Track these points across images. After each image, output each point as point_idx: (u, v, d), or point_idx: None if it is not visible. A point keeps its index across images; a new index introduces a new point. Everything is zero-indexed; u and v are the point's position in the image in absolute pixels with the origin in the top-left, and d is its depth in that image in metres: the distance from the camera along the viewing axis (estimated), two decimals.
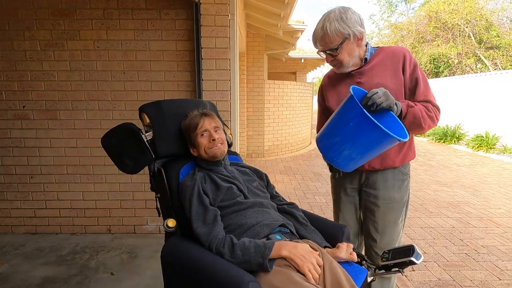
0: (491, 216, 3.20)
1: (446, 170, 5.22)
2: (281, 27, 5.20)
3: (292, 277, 0.86)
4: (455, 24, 10.57)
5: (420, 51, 11.78)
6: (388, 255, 1.03)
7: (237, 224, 1.08)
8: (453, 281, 2.05)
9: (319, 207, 3.44)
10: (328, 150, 1.14)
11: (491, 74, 7.36)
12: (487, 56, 10.25)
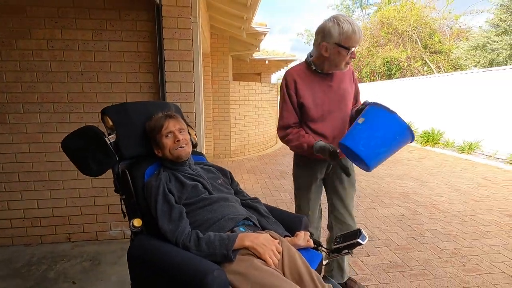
0: (435, 203, 3.58)
1: (398, 164, 5.70)
2: (245, 29, 5.30)
3: (254, 263, 0.94)
4: (404, 30, 11.53)
5: (374, 54, 12.65)
6: (339, 239, 1.16)
7: (203, 219, 1.13)
8: (402, 262, 2.29)
9: (284, 203, 3.59)
10: (373, 158, 1.26)
11: (435, 77, 8.16)
12: (432, 60, 11.33)
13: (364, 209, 3.39)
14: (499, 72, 6.20)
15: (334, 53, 1.44)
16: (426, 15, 11.75)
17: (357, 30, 1.39)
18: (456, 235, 2.76)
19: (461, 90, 7.16)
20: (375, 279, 2.09)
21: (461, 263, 2.29)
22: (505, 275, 2.13)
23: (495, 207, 3.43)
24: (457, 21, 12.27)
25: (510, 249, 2.49)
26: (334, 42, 1.41)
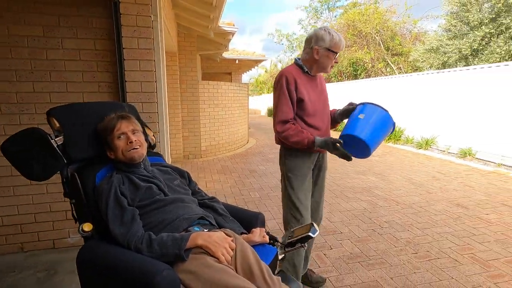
0: (394, 196, 3.82)
1: (362, 160, 5.98)
2: (212, 28, 5.27)
3: (206, 261, 0.96)
4: (368, 32, 12.11)
5: (341, 55, 13.12)
6: (292, 234, 1.21)
7: (157, 221, 1.13)
8: (361, 253, 2.42)
9: (253, 202, 3.63)
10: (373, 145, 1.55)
11: (396, 77, 8.65)
12: (393, 61, 12.01)
13: (329, 204, 3.53)
14: (450, 74, 6.73)
15: (324, 56, 1.68)
16: (387, 19, 12.43)
17: (342, 39, 1.69)
18: (411, 225, 2.96)
19: (418, 90, 7.67)
20: (336, 270, 2.19)
21: (414, 250, 2.47)
22: (451, 259, 2.33)
23: (446, 198, 3.73)
24: (415, 25, 13.12)
25: (456, 236, 2.72)
26: (325, 46, 1.65)
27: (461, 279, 2.07)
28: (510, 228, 2.87)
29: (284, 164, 1.82)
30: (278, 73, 1.76)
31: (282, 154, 1.85)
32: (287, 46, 19.41)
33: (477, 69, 6.08)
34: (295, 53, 19.88)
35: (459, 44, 7.07)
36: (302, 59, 1.78)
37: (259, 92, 28.32)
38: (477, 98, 5.98)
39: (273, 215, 3.23)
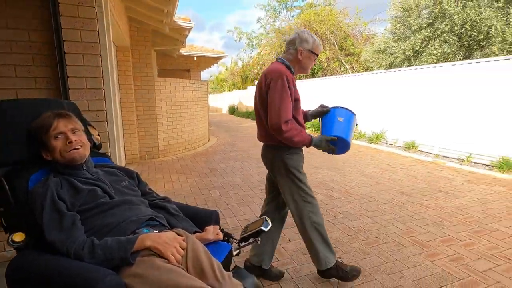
0: (347, 188, 4.05)
1: (318, 155, 6.25)
2: (167, 23, 5.08)
3: (154, 263, 0.92)
4: (323, 33, 12.64)
5: None
6: (246, 229, 1.22)
7: (101, 225, 1.06)
8: None
9: (213, 200, 3.59)
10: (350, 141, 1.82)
11: (349, 76, 9.16)
12: (347, 61, 12.71)
13: None
14: (396, 73, 7.31)
15: (306, 58, 1.82)
16: (341, 21, 13.10)
17: (321, 43, 1.87)
18: (362, 214, 3.17)
19: (369, 88, 8.21)
20: (293, 262, 2.26)
21: (364, 237, 2.65)
22: (396, 243, 2.54)
23: (393, 188, 4.06)
24: (365, 28, 14.03)
25: (401, 221, 2.98)
26: (308, 48, 1.79)
27: (404, 260, 2.27)
28: (444, 211, 3.22)
29: (284, 163, 1.82)
30: (271, 72, 1.73)
31: (279, 153, 1.82)
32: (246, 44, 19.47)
33: (418, 69, 6.69)
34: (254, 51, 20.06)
35: (403, 46, 7.73)
36: (286, 59, 1.82)
37: (220, 90, 28.06)
38: (419, 95, 6.59)
39: (234, 212, 3.24)
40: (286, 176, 1.84)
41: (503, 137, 5.00)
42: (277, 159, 1.83)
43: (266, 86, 1.73)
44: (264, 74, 1.80)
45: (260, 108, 1.81)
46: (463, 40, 6.81)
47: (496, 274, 2.09)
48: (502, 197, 3.63)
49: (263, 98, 1.75)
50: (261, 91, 1.77)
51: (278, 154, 1.82)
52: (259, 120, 1.87)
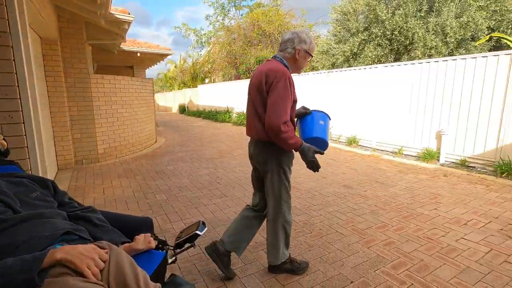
0: (295, 184, 4.18)
1: None
2: (102, 15, 4.66)
3: (67, 283, 0.81)
4: (271, 32, 12.94)
5: (248, 53, 13.68)
6: (181, 234, 1.16)
7: (3, 245, 0.90)
8: (264, 241, 2.55)
9: (159, 205, 3.41)
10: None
11: (296, 75, 9.50)
12: None
13: (238, 198, 3.61)
14: (337, 73, 7.79)
15: (302, 58, 1.85)
16: (288, 21, 13.54)
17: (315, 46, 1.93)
18: (308, 208, 3.30)
19: (314, 86, 8.62)
20: (241, 262, 2.25)
21: (309, 230, 2.75)
22: (337, 233, 2.69)
23: (336, 181, 4.31)
24: (311, 29, 14.70)
25: (342, 212, 3.17)
26: (305, 49, 1.83)
27: (344, 249, 2.42)
28: (380, 200, 3.52)
29: (278, 160, 1.85)
30: (274, 69, 1.72)
31: (272, 150, 1.83)
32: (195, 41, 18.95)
33: (356, 70, 7.22)
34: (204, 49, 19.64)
35: (343, 48, 8.29)
36: (284, 58, 1.84)
37: (169, 88, 26.91)
38: (358, 94, 7.11)
39: (180, 216, 3.11)
40: (276, 173, 1.86)
41: (426, 132, 5.66)
42: (272, 156, 1.84)
43: (267, 85, 1.72)
44: (263, 72, 1.76)
45: (258, 105, 1.79)
46: (394, 44, 7.56)
47: (420, 253, 2.34)
48: (426, 185, 4.11)
49: (264, 97, 1.74)
50: (261, 89, 1.75)
51: (272, 150, 1.84)
52: (255, 116, 1.84)
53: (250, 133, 1.95)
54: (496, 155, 4.66)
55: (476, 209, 3.21)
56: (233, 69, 15.65)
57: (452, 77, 5.18)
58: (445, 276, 2.04)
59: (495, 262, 2.22)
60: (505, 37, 6.34)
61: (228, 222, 2.91)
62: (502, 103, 4.56)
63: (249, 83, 1.93)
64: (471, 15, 6.44)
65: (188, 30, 19.09)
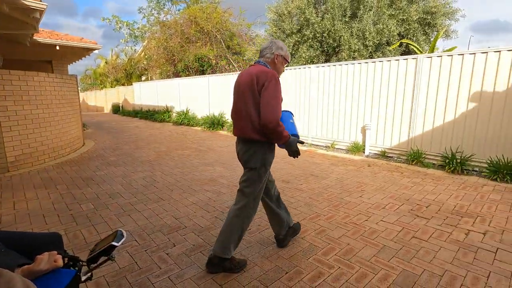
0: (236, 182, 4.20)
1: (211, 152, 6.30)
2: (5, 1, 3.98)
3: None
4: (210, 30, 12.75)
5: (187, 50, 13.26)
6: (95, 247, 1.05)
7: None
8: (204, 242, 2.51)
9: (84, 216, 3.07)
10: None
11: (235, 74, 9.54)
12: (234, 59, 13.25)
13: (176, 201, 3.48)
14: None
15: (280, 63, 2.10)
16: (226, 19, 13.51)
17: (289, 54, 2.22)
18: None
19: None
20: (177, 267, 2.16)
21: (249, 227, 2.79)
22: None
23: (275, 177, 4.46)
24: (249, 29, 14.94)
25: None
26: (281, 54, 2.08)
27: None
28: (314, 192, 3.76)
29: (262, 158, 1.99)
30: (264, 72, 1.89)
31: (261, 149, 1.98)
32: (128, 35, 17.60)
33: (292, 69, 7.58)
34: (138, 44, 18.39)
35: None
36: (265, 63, 2.05)
37: (100, 86, 24.51)
38: (295, 92, 7.48)
39: (111, 225, 2.86)
40: (258, 170, 2.00)
41: (353, 127, 6.24)
42: (258, 153, 1.99)
43: (259, 85, 1.88)
44: (253, 74, 1.91)
45: (251, 105, 1.91)
46: (324, 46, 8.14)
47: (347, 238, 2.57)
48: (353, 175, 4.53)
49: (256, 97, 1.89)
50: (253, 89, 1.89)
51: (260, 149, 1.99)
52: (247, 117, 1.94)
53: (238, 133, 2.06)
54: (408, 145, 5.39)
55: (392, 194, 3.67)
56: (171, 66, 15.00)
57: (372, 77, 5.80)
58: (366, 256, 2.28)
59: (406, 238, 2.56)
60: (411, 43, 7.36)
61: (164, 227, 2.78)
62: (411, 101, 5.28)
63: (235, 86, 2.06)
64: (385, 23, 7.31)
65: (120, 22, 17.65)
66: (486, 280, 1.99)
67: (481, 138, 4.54)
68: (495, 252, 2.34)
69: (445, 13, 7.76)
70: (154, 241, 2.53)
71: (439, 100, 4.93)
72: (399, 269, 2.11)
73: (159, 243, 2.50)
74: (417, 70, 5.15)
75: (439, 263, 2.18)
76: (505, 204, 3.31)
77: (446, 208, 3.21)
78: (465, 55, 4.62)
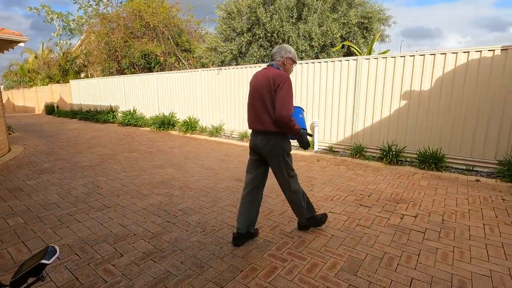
0: (188, 183, 4.09)
1: (162, 153, 6.03)
2: None
3: None
4: (156, 25, 12.13)
5: (132, 46, 12.42)
6: (21, 267, 0.92)
7: None
8: (154, 249, 2.39)
9: (11, 232, 2.69)
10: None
11: (187, 72, 9.25)
12: (184, 56, 12.81)
13: (123, 207, 3.25)
14: (227, 71, 8.02)
15: (289, 64, 2.40)
16: (174, 15, 12.98)
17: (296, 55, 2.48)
18: (202, 206, 3.27)
19: (205, 83, 8.62)
20: (125, 278, 2.02)
21: (202, 229, 2.74)
22: (230, 227, 2.77)
23: (229, 176, 4.44)
24: (199, 26, 14.58)
25: (234, 205, 3.29)
26: (290, 57, 2.38)
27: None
28: (268, 189, 3.81)
29: (283, 148, 2.32)
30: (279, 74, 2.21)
31: (279, 140, 2.30)
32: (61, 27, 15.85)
33: (243, 68, 7.62)
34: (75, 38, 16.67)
35: (230, 46, 8.58)
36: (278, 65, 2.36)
37: (29, 84, 21.66)
38: (246, 91, 7.53)
39: (45, 240, 2.55)
40: (281, 156, 2.34)
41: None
42: (277, 144, 2.31)
43: (275, 85, 2.19)
44: (269, 76, 2.23)
45: (269, 102, 2.22)
46: (274, 46, 8.33)
47: (299, 231, 2.67)
48: (304, 170, 4.73)
49: (272, 95, 2.20)
50: (270, 89, 2.21)
51: (279, 140, 2.31)
52: (265, 112, 2.25)
53: (255, 126, 2.35)
54: (352, 140, 5.82)
55: (339, 186, 3.92)
56: (115, 63, 13.94)
57: (319, 77, 6.11)
58: (316, 247, 2.40)
59: (351, 227, 2.76)
60: (352, 45, 7.93)
61: (110, 237, 2.58)
62: (353, 99, 5.70)
63: (253, 86, 2.35)
64: (329, 25, 7.76)
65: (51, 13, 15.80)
66: (417, 258, 2.25)
67: (411, 131, 5.10)
68: (424, 232, 2.65)
69: (379, 18, 8.53)
70: (99, 253, 2.33)
71: (377, 98, 5.41)
72: (346, 256, 2.27)
73: (104, 255, 2.31)
74: (357, 71, 5.57)
75: (379, 247, 2.40)
76: (431, 189, 3.77)
77: (384, 196, 3.54)
78: (397, 57, 5.13)
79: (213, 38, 9.61)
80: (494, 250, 2.36)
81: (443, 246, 2.41)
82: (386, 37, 9.25)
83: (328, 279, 1.99)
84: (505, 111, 4.27)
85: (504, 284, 1.94)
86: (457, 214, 3.04)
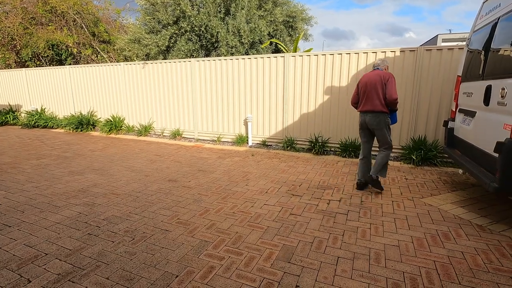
0: (113, 189, 3.70)
1: (80, 158, 5.33)
2: None
3: None
4: (66, 11, 10.57)
5: (35, 34, 10.57)
6: None
7: None
8: (72, 268, 2.09)
9: None
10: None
11: (107, 65, 8.33)
12: (102, 48, 11.51)
13: (29, 224, 2.75)
14: (154, 65, 7.50)
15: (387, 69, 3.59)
16: (87, 1, 11.50)
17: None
18: (130, 213, 3.00)
19: (130, 78, 7.91)
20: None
21: (131, 237, 2.51)
22: (163, 231, 2.61)
23: (160, 177, 4.19)
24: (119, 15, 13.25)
25: (167, 208, 3.11)
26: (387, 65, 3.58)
27: (169, 245, 2.37)
28: (203, 187, 3.74)
29: (385, 121, 3.36)
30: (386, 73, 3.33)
31: (384, 116, 3.36)
32: None
33: (172, 63, 7.23)
34: None
35: (156, 39, 8.04)
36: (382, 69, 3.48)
37: None
38: (178, 87, 7.17)
39: None
40: (384, 128, 3.39)
41: (237, 120, 6.55)
42: (383, 120, 3.36)
43: (384, 80, 3.28)
44: (380, 75, 3.32)
45: (380, 92, 3.29)
46: (203, 40, 8.12)
47: (236, 227, 2.67)
48: (239, 165, 4.77)
49: (383, 87, 3.29)
50: (381, 83, 3.29)
51: (384, 117, 3.36)
52: (377, 99, 3.31)
53: (366, 108, 3.40)
54: (283, 134, 6.10)
55: (273, 179, 4.07)
56: (12, 53, 11.72)
57: (249, 73, 6.20)
58: (253, 240, 2.44)
59: (284, 216, 2.89)
60: (279, 43, 8.27)
61: (12, 262, 2.16)
62: (282, 95, 5.96)
63: (366, 82, 3.40)
64: (256, 22, 7.92)
65: None
66: (342, 238, 2.48)
67: (334, 123, 5.60)
68: (347, 214, 2.94)
69: (303, 18, 9.09)
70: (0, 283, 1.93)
71: (303, 93, 5.77)
72: (280, 245, 2.36)
73: (5, 284, 1.92)
74: (285, 67, 5.83)
75: (310, 232, 2.57)
76: (352, 175, 4.22)
77: (313, 185, 3.81)
78: (319, 55, 5.54)
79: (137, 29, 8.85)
80: (400, 222, 2.76)
81: (362, 225, 2.71)
82: (309, 36, 9.91)
83: (265, 270, 2.04)
84: (405, 103, 5.03)
85: (408, 250, 2.29)
86: (372, 194, 3.46)
